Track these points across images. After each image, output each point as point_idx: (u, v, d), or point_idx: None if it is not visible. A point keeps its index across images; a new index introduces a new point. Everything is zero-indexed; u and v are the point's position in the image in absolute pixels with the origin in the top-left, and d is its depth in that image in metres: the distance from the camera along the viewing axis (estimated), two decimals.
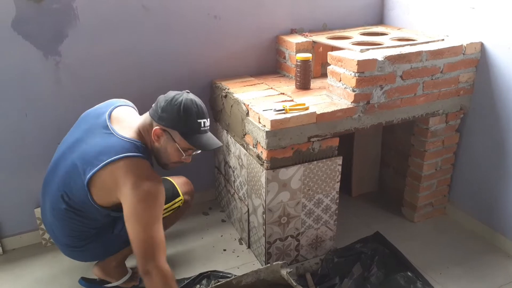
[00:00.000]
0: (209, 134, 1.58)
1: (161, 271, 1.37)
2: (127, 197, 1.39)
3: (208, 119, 1.56)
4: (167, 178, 1.87)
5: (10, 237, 2.12)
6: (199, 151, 1.57)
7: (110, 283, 1.82)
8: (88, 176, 1.43)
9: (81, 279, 1.85)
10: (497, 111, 1.99)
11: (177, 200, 1.81)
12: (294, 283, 1.61)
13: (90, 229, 1.60)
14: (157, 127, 1.49)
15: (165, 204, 1.74)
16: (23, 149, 2.00)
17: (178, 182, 1.86)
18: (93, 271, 1.82)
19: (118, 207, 1.47)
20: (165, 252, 1.43)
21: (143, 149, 1.49)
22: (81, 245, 1.62)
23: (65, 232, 1.59)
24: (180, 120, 1.48)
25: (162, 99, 1.52)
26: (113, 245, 1.69)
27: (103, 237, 1.64)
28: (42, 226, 2.11)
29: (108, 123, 1.52)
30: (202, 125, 1.53)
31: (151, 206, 1.40)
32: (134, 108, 1.71)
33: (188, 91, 1.57)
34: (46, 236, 2.14)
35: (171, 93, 1.53)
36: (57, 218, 1.57)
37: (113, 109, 1.60)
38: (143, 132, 1.53)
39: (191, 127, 1.50)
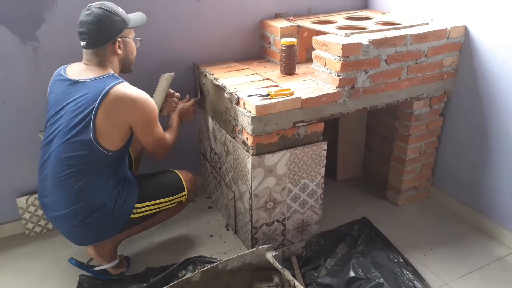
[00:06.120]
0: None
1: (169, 148, 1.80)
2: (130, 119, 1.58)
3: None
4: (176, 171, 1.90)
5: None
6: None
7: (96, 267, 1.82)
8: (91, 123, 1.53)
9: (71, 258, 1.84)
10: (480, 94, 2.02)
11: (181, 194, 1.85)
12: (279, 266, 1.63)
13: (92, 192, 1.60)
14: (114, 41, 1.61)
15: (170, 196, 1.81)
16: (2, 138, 1.96)
17: (185, 177, 1.89)
18: (87, 250, 1.82)
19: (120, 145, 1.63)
20: (165, 135, 1.77)
21: (117, 76, 1.63)
22: (82, 218, 1.61)
23: (67, 201, 1.59)
24: (119, 20, 1.61)
25: (90, 28, 1.55)
26: (113, 225, 1.69)
27: (104, 214, 1.63)
28: (25, 215, 2.09)
29: (69, 78, 1.61)
30: (125, 12, 1.67)
31: (150, 117, 1.63)
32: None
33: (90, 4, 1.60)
34: (30, 225, 2.11)
35: (85, 18, 1.56)
36: (60, 184, 1.58)
37: (64, 69, 1.67)
38: (107, 62, 1.63)
39: (125, 18, 1.64)
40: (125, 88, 1.57)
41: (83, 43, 1.59)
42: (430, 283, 1.79)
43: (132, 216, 1.72)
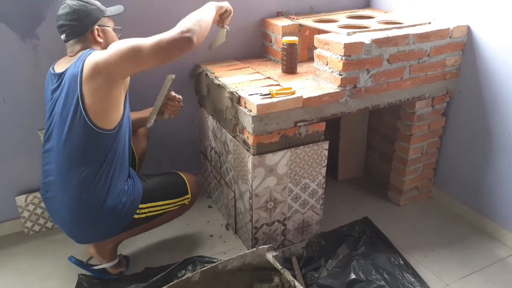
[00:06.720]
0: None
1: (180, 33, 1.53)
2: (116, 74, 1.50)
3: None
4: (180, 173, 1.89)
5: None
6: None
7: (96, 266, 1.81)
8: (80, 105, 1.50)
9: (71, 257, 1.83)
10: (483, 94, 2.00)
11: (185, 197, 1.85)
12: (280, 266, 1.62)
13: (96, 185, 1.59)
14: (93, 30, 1.60)
15: (174, 198, 1.81)
16: (2, 136, 1.95)
17: (189, 180, 1.88)
18: (87, 249, 1.82)
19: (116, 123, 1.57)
20: (159, 35, 1.52)
21: (88, 49, 1.59)
22: (86, 213, 1.60)
23: (71, 194, 1.58)
24: (94, 8, 1.62)
25: (68, 18, 1.56)
26: (116, 223, 1.68)
27: (108, 210, 1.62)
28: (24, 214, 2.08)
29: (55, 73, 1.61)
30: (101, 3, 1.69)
31: (123, 52, 1.48)
32: None
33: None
34: (29, 224, 2.10)
35: (61, 11, 1.58)
36: (64, 178, 1.58)
37: (53, 66, 1.67)
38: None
39: (102, 8, 1.65)
40: (94, 56, 1.50)
41: (63, 36, 1.59)
42: (431, 284, 1.78)
43: (136, 216, 1.71)
